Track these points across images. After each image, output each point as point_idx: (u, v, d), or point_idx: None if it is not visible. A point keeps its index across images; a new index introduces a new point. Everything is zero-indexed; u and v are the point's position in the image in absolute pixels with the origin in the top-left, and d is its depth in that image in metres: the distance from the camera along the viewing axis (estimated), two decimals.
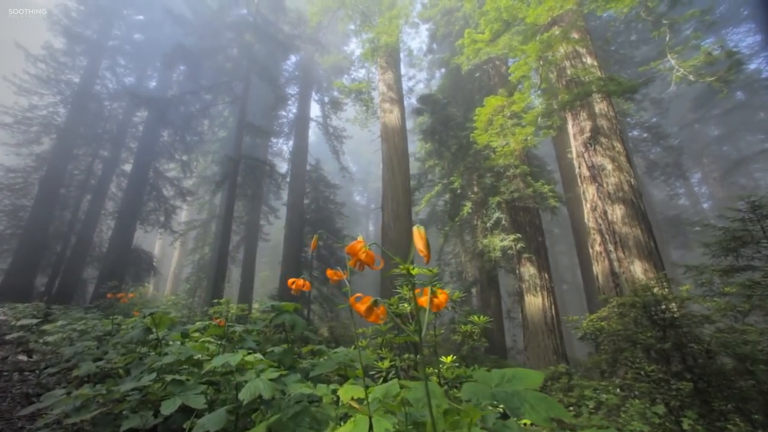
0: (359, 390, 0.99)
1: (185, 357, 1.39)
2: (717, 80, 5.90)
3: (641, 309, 2.57)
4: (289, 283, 1.36)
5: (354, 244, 0.91)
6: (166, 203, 14.63)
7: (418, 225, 1.56)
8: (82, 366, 1.63)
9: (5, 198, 13.45)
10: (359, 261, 0.93)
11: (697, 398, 1.98)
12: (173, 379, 1.32)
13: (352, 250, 0.91)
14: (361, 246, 0.91)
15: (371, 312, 0.87)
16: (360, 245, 0.91)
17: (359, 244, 0.91)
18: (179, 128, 14.50)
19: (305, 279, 5.52)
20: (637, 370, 2.25)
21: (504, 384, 0.74)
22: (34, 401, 1.93)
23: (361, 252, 0.91)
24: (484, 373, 0.79)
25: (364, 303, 0.88)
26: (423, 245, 0.80)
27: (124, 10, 15.58)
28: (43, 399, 1.43)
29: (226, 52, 14.76)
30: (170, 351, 1.46)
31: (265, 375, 1.23)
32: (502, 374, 0.78)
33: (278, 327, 4.85)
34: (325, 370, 1.24)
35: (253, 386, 1.16)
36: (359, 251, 0.91)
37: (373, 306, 0.88)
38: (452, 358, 2.70)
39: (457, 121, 11.09)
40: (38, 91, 14.25)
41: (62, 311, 5.45)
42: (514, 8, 7.07)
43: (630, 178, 6.25)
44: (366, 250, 0.91)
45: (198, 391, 1.28)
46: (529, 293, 8.14)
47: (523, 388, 0.71)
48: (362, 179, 39.53)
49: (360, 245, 0.91)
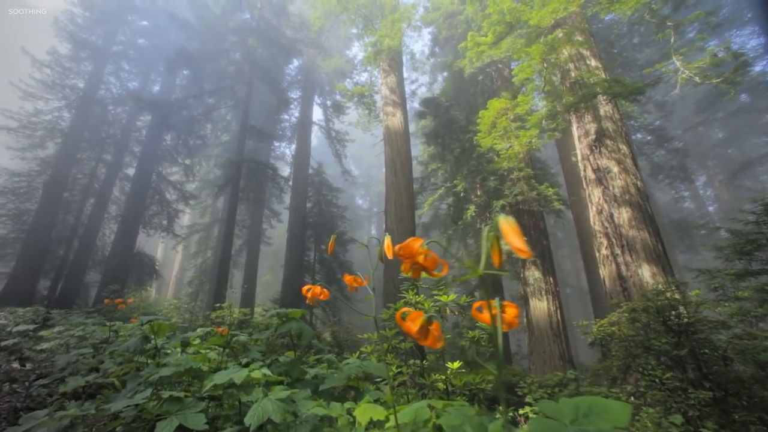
0: (378, 410, 0.88)
1: (185, 368, 1.30)
2: (723, 81, 5.83)
3: (654, 314, 2.49)
4: (303, 291, 1.24)
5: (410, 242, 0.71)
6: (169, 207, 14.65)
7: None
8: (69, 381, 1.53)
9: (9, 202, 13.52)
10: (417, 265, 0.72)
11: (716, 408, 1.91)
12: (170, 396, 1.20)
13: (407, 250, 0.71)
14: (420, 245, 0.70)
15: (425, 333, 0.68)
16: (418, 244, 0.71)
17: (416, 243, 0.70)
18: (182, 132, 14.56)
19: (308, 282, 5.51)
20: (651, 378, 2.17)
21: (581, 420, 0.57)
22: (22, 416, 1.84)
23: (419, 253, 0.70)
24: (552, 405, 0.61)
25: (415, 321, 0.69)
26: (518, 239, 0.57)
27: (128, 16, 15.75)
28: (23, 422, 1.31)
29: (229, 56, 14.85)
30: (169, 361, 1.37)
31: (274, 394, 1.11)
32: (576, 406, 0.60)
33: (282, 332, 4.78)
34: (336, 383, 1.15)
35: (260, 408, 1.06)
36: (417, 252, 0.70)
37: (426, 325, 0.68)
38: (459, 363, 2.63)
39: (460, 125, 11.06)
40: (43, 96, 14.38)
41: (62, 316, 5.41)
42: (518, 11, 7.05)
43: (636, 180, 6.17)
44: (426, 251, 0.71)
45: (198, 409, 1.16)
46: (534, 297, 8.03)
47: (609, 426, 0.54)
48: (364, 183, 39.54)
49: (418, 244, 0.71)
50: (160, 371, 1.25)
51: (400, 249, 0.73)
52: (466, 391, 2.28)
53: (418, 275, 0.75)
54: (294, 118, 17.95)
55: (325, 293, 1.28)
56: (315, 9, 13.76)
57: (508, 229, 0.59)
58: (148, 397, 1.27)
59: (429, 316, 0.70)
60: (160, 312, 9.48)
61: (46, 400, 2.02)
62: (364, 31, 12.21)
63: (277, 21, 15.22)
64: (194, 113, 14.46)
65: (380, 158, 12.47)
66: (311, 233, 14.12)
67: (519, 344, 10.73)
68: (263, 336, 1.43)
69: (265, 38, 13.80)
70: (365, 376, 1.30)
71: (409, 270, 0.75)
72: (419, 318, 0.70)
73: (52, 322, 4.66)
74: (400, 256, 0.73)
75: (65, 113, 14.64)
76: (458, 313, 2.56)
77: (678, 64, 6.52)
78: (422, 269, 0.73)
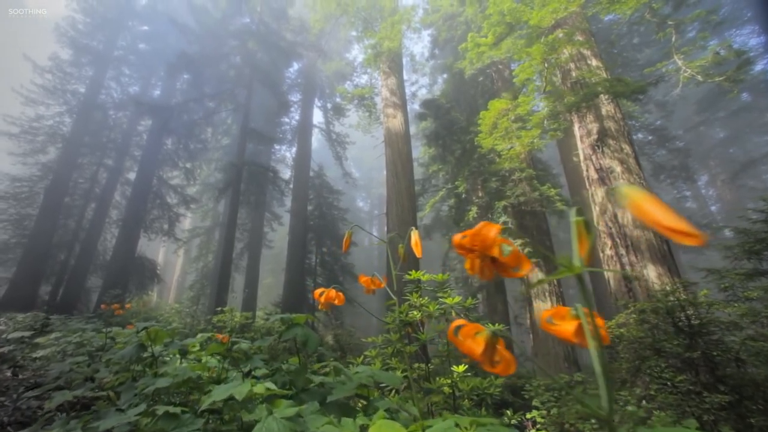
0: (396, 428, 0.80)
1: (182, 379, 1.24)
2: (726, 80, 5.80)
3: (664, 315, 2.44)
4: (316, 295, 1.14)
5: (482, 229, 0.53)
6: (170, 211, 14.64)
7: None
8: (56, 396, 1.45)
9: (11, 207, 13.52)
10: (489, 261, 0.55)
11: (732, 412, 1.85)
12: (166, 412, 1.10)
13: (480, 240, 0.53)
14: (496, 234, 0.53)
15: (492, 354, 0.54)
16: (494, 231, 0.53)
17: (491, 230, 0.53)
18: (183, 136, 14.57)
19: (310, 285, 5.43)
20: (662, 381, 2.12)
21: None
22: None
23: (494, 245, 0.53)
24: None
25: (476, 339, 0.55)
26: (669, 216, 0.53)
27: (129, 21, 15.83)
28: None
29: (229, 60, 14.88)
30: (166, 371, 1.31)
31: (279, 411, 1.01)
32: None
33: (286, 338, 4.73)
34: (345, 394, 1.09)
35: (265, 429, 0.96)
36: (493, 243, 0.53)
37: (492, 343, 0.55)
38: (464, 367, 2.58)
39: (461, 126, 11.04)
40: (45, 101, 14.44)
41: (62, 321, 5.36)
42: (518, 11, 7.04)
43: (640, 180, 6.12)
44: (506, 241, 0.54)
45: (196, 426, 1.06)
46: (538, 299, 7.97)
47: None
48: (365, 185, 39.53)
49: (494, 231, 0.53)
50: (156, 382, 1.18)
51: (468, 239, 0.55)
52: (473, 396, 2.23)
53: (490, 275, 0.57)
54: (294, 121, 17.97)
55: (340, 297, 1.17)
56: (315, 12, 13.80)
57: (646, 202, 0.42)
58: (141, 413, 1.17)
59: (493, 331, 0.56)
60: (162, 316, 9.44)
61: (36, 413, 1.94)
62: (363, 33, 12.23)
63: (277, 24, 15.26)
64: (195, 117, 14.48)
65: (381, 160, 12.45)
66: (312, 236, 14.08)
67: (523, 345, 10.65)
68: (266, 343, 1.37)
69: (265, 42, 13.83)
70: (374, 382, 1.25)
71: (477, 269, 0.57)
72: (481, 334, 0.55)
73: (51, 327, 4.60)
74: (466, 249, 0.56)
75: (66, 118, 14.68)
76: (464, 315, 2.51)
77: (680, 63, 6.49)
78: (497, 267, 0.56)
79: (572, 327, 0.53)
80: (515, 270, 0.55)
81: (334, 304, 1.12)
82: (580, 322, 0.52)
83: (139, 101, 13.68)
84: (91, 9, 14.82)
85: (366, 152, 29.69)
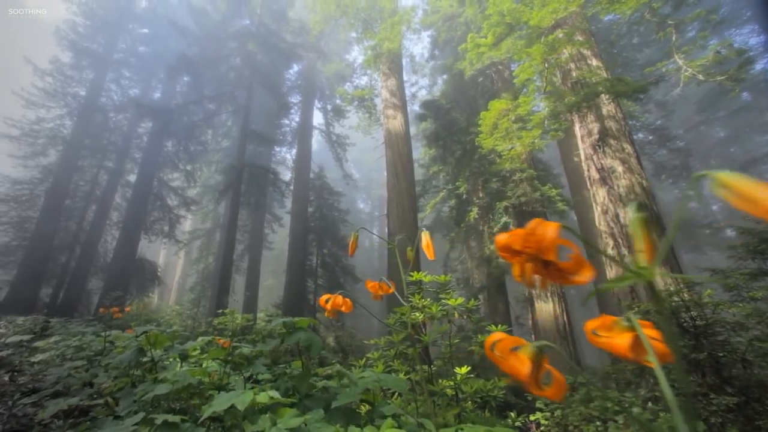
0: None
1: (182, 385, 1.21)
2: (728, 79, 5.78)
3: (669, 315, 2.42)
4: (322, 302, 1.08)
5: (537, 228, 0.46)
6: (171, 213, 14.63)
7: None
8: (49, 406, 1.41)
9: (12, 210, 13.53)
10: (543, 265, 0.47)
11: (740, 414, 1.83)
12: (164, 422, 1.06)
13: (535, 241, 0.45)
14: (555, 234, 0.45)
15: (538, 373, 0.47)
16: (551, 231, 0.45)
17: (548, 230, 0.45)
18: (183, 138, 14.58)
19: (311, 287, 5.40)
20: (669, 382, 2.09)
21: None
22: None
23: (552, 247, 0.45)
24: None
25: (520, 356, 0.48)
26: None
27: (129, 24, 15.86)
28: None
29: (229, 61, 14.90)
30: (166, 377, 1.29)
31: (283, 422, 0.97)
32: None
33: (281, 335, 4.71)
34: (351, 399, 1.06)
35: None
36: (550, 243, 0.45)
37: (539, 360, 0.48)
38: (467, 368, 2.56)
39: (461, 126, 11.03)
40: (45, 104, 14.46)
41: (62, 324, 5.34)
42: (517, 11, 7.03)
43: (641, 179, 6.10)
44: (567, 243, 0.46)
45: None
46: (540, 299, 7.94)
47: None
48: (365, 186, 39.53)
49: (551, 231, 0.45)
50: (155, 388, 1.15)
51: (519, 240, 0.46)
52: (477, 398, 2.21)
53: (545, 283, 0.48)
54: (294, 123, 17.98)
55: (347, 303, 1.09)
56: (314, 13, 13.82)
57: (753, 188, 0.36)
58: (139, 422, 1.12)
59: (539, 347, 0.49)
60: (163, 319, 9.42)
61: (32, 420, 1.90)
62: (363, 34, 12.24)
63: (277, 26, 15.28)
64: (195, 119, 14.49)
65: (381, 161, 12.43)
66: (313, 237, 14.06)
67: None
68: (268, 348, 1.34)
69: (264, 43, 13.85)
70: None
71: (529, 276, 0.48)
72: (524, 350, 0.48)
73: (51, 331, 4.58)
74: (514, 251, 0.47)
75: (67, 121, 14.70)
76: (467, 317, 2.49)
77: (680, 63, 6.48)
78: (552, 273, 0.47)
79: (626, 341, 0.45)
80: (574, 276, 0.47)
81: (341, 310, 1.07)
82: (635, 336, 0.45)
83: (139, 104, 13.69)
84: (91, 12, 14.86)
85: (366, 153, 29.70)
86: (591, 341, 0.49)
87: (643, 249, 0.44)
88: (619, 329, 0.47)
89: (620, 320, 0.48)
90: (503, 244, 0.49)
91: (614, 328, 0.48)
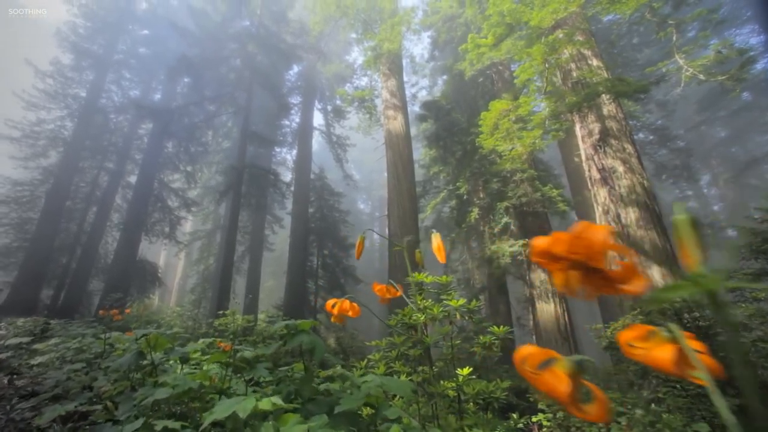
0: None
1: (183, 390, 1.20)
2: (729, 78, 5.77)
3: (672, 316, 2.41)
4: (328, 307, 1.05)
5: (586, 230, 0.41)
6: (171, 214, 14.63)
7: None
8: (46, 412, 1.39)
9: (12, 211, 13.54)
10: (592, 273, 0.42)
11: (743, 416, 1.80)
12: (165, 428, 1.05)
13: (585, 246, 0.41)
14: (606, 238, 0.41)
15: (578, 391, 0.43)
16: (602, 234, 0.41)
17: (598, 233, 0.41)
18: (183, 139, 14.59)
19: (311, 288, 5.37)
20: (671, 384, 2.08)
21: None
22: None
23: (604, 252, 0.40)
24: None
25: (557, 373, 0.43)
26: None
27: (129, 25, 15.88)
28: None
29: (230, 63, 14.91)
30: (166, 381, 1.27)
31: (287, 429, 0.94)
32: None
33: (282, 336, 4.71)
34: (354, 404, 1.04)
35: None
36: (601, 248, 0.41)
37: (577, 377, 0.44)
38: (469, 370, 2.54)
39: (461, 127, 11.02)
40: (46, 106, 14.48)
41: (62, 326, 5.33)
42: (518, 12, 7.03)
43: (643, 180, 6.09)
44: (621, 248, 0.43)
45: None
46: (541, 300, 7.92)
47: None
48: (366, 187, 39.53)
49: (602, 234, 0.41)
50: (155, 392, 1.14)
51: (564, 245, 0.41)
52: (479, 400, 2.19)
53: (593, 294, 0.43)
54: (295, 124, 17.98)
55: (354, 308, 1.07)
56: (314, 14, 13.84)
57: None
58: (139, 428, 1.12)
59: (577, 362, 0.44)
60: (163, 320, 9.41)
61: (30, 425, 1.87)
62: (363, 35, 12.24)
63: (277, 27, 15.29)
64: (195, 120, 14.50)
65: (381, 162, 12.43)
66: (314, 238, 14.05)
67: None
68: (270, 351, 1.33)
69: (264, 44, 13.86)
70: None
71: (574, 285, 0.43)
72: (560, 365, 0.43)
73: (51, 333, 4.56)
74: (556, 257, 0.43)
75: (67, 122, 14.71)
76: (469, 318, 2.48)
77: (681, 62, 6.47)
78: (601, 282, 0.42)
79: (668, 354, 0.41)
80: (625, 286, 0.42)
81: (348, 315, 1.04)
82: (678, 348, 0.40)
83: (139, 105, 13.70)
84: (92, 13, 14.88)
85: (367, 154, 29.70)
86: (627, 354, 0.45)
87: (693, 254, 0.40)
88: (657, 340, 0.43)
89: (658, 331, 0.44)
90: (542, 249, 0.44)
91: (652, 339, 0.44)
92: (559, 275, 0.45)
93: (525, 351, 0.48)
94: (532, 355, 0.47)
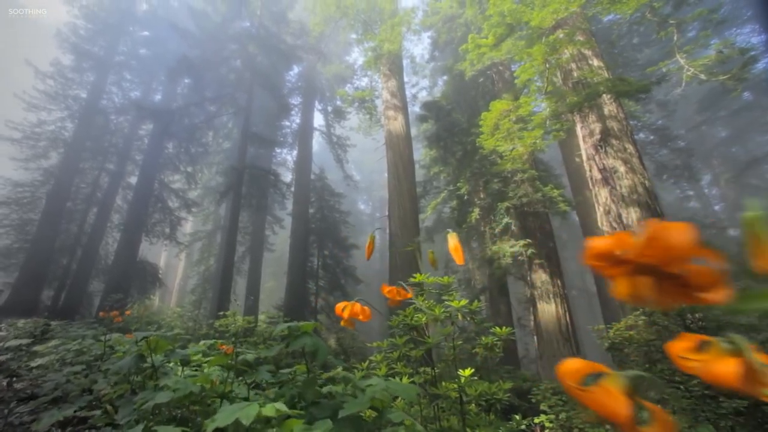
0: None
1: (183, 394, 1.19)
2: (731, 78, 5.76)
3: (674, 317, 2.40)
4: (338, 310, 1.01)
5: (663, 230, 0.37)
6: (172, 215, 14.64)
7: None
8: (44, 418, 1.37)
9: (13, 212, 13.55)
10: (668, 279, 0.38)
11: (750, 418, 1.80)
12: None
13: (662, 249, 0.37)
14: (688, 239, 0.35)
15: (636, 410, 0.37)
16: (684, 235, 0.35)
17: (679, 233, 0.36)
18: (184, 140, 14.60)
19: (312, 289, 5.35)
20: (675, 385, 2.07)
21: None
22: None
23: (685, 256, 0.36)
24: None
25: (611, 391, 0.37)
26: None
27: (130, 26, 15.91)
28: None
29: (230, 63, 14.92)
30: (167, 384, 1.26)
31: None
32: None
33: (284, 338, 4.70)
34: (358, 408, 1.03)
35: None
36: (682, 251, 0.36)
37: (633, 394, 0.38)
38: (471, 371, 2.53)
39: (462, 127, 11.01)
40: (47, 107, 14.49)
41: (62, 327, 5.31)
42: (518, 12, 7.02)
43: (644, 180, 6.07)
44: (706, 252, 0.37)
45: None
46: (542, 300, 7.90)
47: None
48: (366, 187, 39.52)
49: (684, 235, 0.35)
50: (156, 396, 1.12)
51: (636, 248, 0.37)
52: (481, 401, 2.18)
53: (668, 302, 0.38)
54: (295, 124, 17.99)
55: (365, 312, 1.02)
56: (314, 15, 13.84)
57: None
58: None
59: (632, 378, 0.38)
60: (164, 321, 9.40)
61: (29, 429, 1.85)
62: (363, 36, 12.24)
63: (277, 28, 15.31)
64: (195, 121, 14.51)
65: (382, 163, 12.42)
66: (314, 239, 14.04)
67: (527, 348, 10.56)
68: (272, 353, 1.32)
69: (265, 45, 13.87)
70: None
71: (644, 292, 0.38)
72: (610, 381, 0.38)
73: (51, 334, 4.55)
74: (623, 261, 0.38)
75: (68, 123, 14.73)
76: (471, 319, 2.47)
77: (682, 62, 6.45)
78: (677, 289, 0.37)
79: (732, 368, 0.35)
80: (706, 294, 0.36)
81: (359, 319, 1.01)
82: (745, 361, 0.35)
83: (140, 106, 13.71)
84: (93, 15, 14.90)
85: (367, 155, 29.70)
86: (680, 366, 0.40)
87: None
88: (716, 352, 0.37)
89: (715, 341, 0.38)
90: (601, 251, 0.38)
91: (708, 350, 0.38)
92: (623, 282, 0.40)
93: (570, 365, 0.42)
94: (578, 369, 0.41)
